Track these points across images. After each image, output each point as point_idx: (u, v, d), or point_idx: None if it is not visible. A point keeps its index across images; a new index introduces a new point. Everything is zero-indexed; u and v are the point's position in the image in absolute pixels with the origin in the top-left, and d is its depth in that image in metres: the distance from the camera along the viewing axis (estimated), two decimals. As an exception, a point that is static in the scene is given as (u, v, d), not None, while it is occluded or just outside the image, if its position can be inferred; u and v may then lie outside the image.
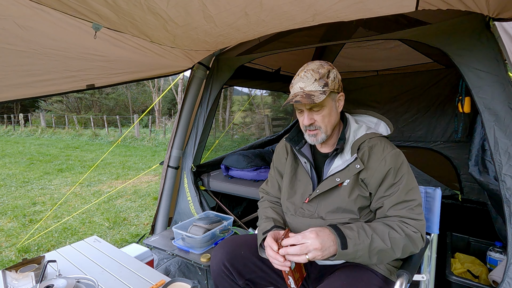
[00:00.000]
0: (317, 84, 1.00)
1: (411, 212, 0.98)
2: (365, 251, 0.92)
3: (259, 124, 12.30)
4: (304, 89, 1.02)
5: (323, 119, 1.04)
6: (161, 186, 2.57)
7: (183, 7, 1.29)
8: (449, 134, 3.37)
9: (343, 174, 1.04)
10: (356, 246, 0.91)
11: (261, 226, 1.16)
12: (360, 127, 1.11)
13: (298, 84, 1.03)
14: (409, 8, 1.37)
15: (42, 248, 2.65)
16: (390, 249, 0.93)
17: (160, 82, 16.23)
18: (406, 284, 0.94)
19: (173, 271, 2.13)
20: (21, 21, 1.23)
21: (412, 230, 0.95)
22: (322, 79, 1.01)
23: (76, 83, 1.90)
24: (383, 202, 1.02)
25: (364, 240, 0.92)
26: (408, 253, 0.98)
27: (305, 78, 1.02)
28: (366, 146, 1.05)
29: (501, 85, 1.36)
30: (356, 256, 0.92)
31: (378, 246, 0.93)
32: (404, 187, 0.99)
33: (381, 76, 3.72)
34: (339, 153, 1.08)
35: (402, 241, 0.94)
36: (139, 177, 5.19)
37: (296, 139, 1.19)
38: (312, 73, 1.02)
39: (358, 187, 1.04)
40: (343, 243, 0.91)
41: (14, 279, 1.19)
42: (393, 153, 1.02)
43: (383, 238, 0.94)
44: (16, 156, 7.81)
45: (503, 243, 1.79)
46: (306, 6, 1.35)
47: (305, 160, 1.16)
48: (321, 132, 1.06)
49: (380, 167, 1.01)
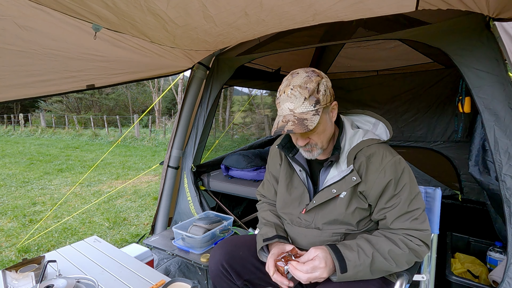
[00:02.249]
0: (308, 104, 0.90)
1: (415, 223, 0.95)
2: (366, 270, 0.91)
3: (259, 124, 12.29)
4: (294, 112, 0.91)
5: (319, 137, 0.98)
6: (161, 186, 2.57)
7: (183, 7, 1.29)
8: (449, 134, 3.37)
9: (339, 185, 1.00)
10: (356, 268, 0.90)
11: (261, 230, 1.15)
12: (356, 133, 1.05)
13: (286, 105, 0.92)
14: (409, 8, 1.37)
15: (42, 248, 2.65)
16: (392, 266, 0.92)
17: (160, 82, 16.22)
18: (406, 284, 0.94)
19: (173, 271, 2.13)
20: (21, 21, 1.23)
21: (416, 243, 0.93)
22: (313, 96, 0.91)
23: (76, 83, 1.90)
24: (385, 215, 0.98)
25: (365, 261, 0.90)
26: (412, 263, 0.97)
27: (293, 97, 0.91)
28: (363, 156, 0.99)
29: (501, 85, 1.36)
30: (357, 277, 0.91)
31: (379, 265, 0.91)
32: (406, 197, 0.95)
33: (381, 76, 3.71)
34: (335, 163, 1.03)
35: (405, 257, 0.92)
36: (139, 177, 5.19)
37: (288, 145, 1.13)
38: (299, 90, 0.91)
39: (356, 199, 1.00)
40: (342, 266, 0.90)
41: (14, 279, 1.19)
42: (393, 162, 0.96)
43: (385, 256, 0.92)
44: (16, 156, 7.81)
45: (503, 243, 1.79)
46: (306, 6, 1.35)
47: (300, 168, 1.11)
48: (316, 148, 1.00)
49: (379, 179, 0.96)
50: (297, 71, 0.97)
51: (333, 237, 1.05)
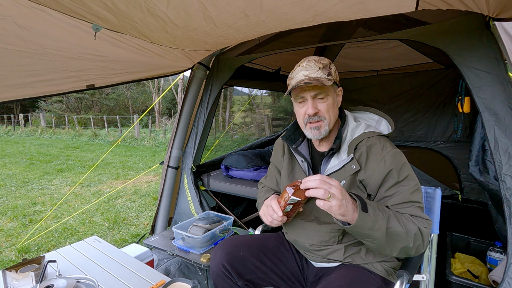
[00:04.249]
0: (321, 72, 0.98)
1: (418, 211, 0.94)
2: (383, 225, 0.85)
3: (259, 124, 12.30)
4: (310, 76, 0.98)
5: (328, 109, 1.01)
6: (161, 186, 2.57)
7: (183, 8, 1.29)
8: (449, 134, 3.37)
9: (339, 174, 1.01)
10: (376, 215, 0.85)
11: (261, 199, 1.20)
12: (359, 125, 1.07)
13: (302, 72, 1.00)
14: (409, 8, 1.37)
15: (42, 248, 2.65)
16: (404, 234, 0.87)
17: (160, 82, 16.21)
18: (406, 284, 0.94)
19: (173, 271, 2.13)
20: (21, 21, 1.23)
21: (422, 225, 0.91)
22: (326, 68, 1.00)
23: (76, 83, 1.90)
24: (386, 203, 0.97)
25: (383, 213, 0.87)
26: (416, 246, 0.90)
27: (308, 67, 1.00)
28: (364, 146, 1.01)
29: (501, 85, 1.36)
30: (375, 227, 0.84)
31: (393, 226, 0.86)
32: (410, 187, 0.95)
33: (381, 76, 3.72)
34: (336, 153, 1.05)
35: (414, 229, 0.89)
36: (139, 177, 5.19)
37: (293, 137, 1.16)
38: (315, 62, 1.00)
39: (355, 189, 1.01)
40: (363, 205, 0.85)
41: (14, 279, 1.19)
42: (393, 153, 0.98)
43: (398, 220, 0.89)
44: (16, 156, 7.81)
45: (503, 243, 1.79)
46: (306, 7, 1.35)
47: (302, 159, 1.12)
48: (324, 124, 1.02)
49: (379, 168, 0.97)
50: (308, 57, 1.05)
51: (332, 233, 1.06)
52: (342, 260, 1.07)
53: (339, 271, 1.05)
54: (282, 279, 1.15)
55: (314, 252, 1.12)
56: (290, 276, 1.16)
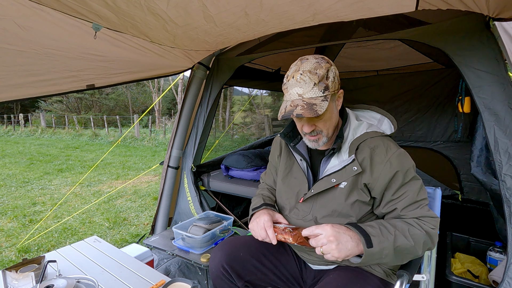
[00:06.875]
0: (317, 89, 0.89)
1: (424, 210, 0.93)
2: (390, 249, 0.85)
3: (259, 124, 12.29)
4: (303, 96, 0.90)
5: (325, 124, 0.97)
6: (161, 186, 2.57)
7: (183, 7, 1.29)
8: (449, 134, 3.37)
9: (339, 175, 0.98)
10: (381, 244, 0.84)
11: (252, 201, 1.19)
12: (361, 124, 1.03)
13: (295, 90, 0.91)
14: (409, 8, 1.37)
15: (42, 248, 2.65)
16: (412, 247, 0.87)
17: (160, 82, 16.22)
18: (406, 284, 0.94)
19: (173, 271, 2.13)
20: (21, 21, 1.23)
21: (429, 227, 0.90)
22: (322, 82, 0.90)
23: (76, 83, 1.90)
24: (394, 206, 0.95)
25: (388, 237, 0.86)
26: (426, 249, 0.92)
27: (302, 82, 0.90)
28: (367, 147, 0.97)
29: (501, 85, 1.36)
30: (382, 256, 0.85)
31: (401, 244, 0.86)
32: (416, 188, 0.94)
33: (381, 76, 3.72)
34: (336, 152, 1.02)
35: (422, 237, 0.88)
36: (139, 177, 5.18)
37: (291, 134, 1.13)
38: (309, 75, 0.89)
39: (357, 191, 0.98)
40: (367, 241, 0.84)
41: (14, 279, 1.19)
42: (398, 154, 0.95)
43: (405, 235, 0.87)
44: (16, 156, 7.81)
45: (503, 243, 1.79)
46: (306, 5, 1.35)
47: (301, 158, 1.10)
48: (322, 136, 0.99)
49: (385, 171, 0.94)
50: (306, 57, 0.96)
51: None
52: (339, 263, 1.07)
53: (337, 271, 1.05)
54: (281, 280, 1.15)
55: (311, 254, 1.11)
56: (289, 277, 1.16)
